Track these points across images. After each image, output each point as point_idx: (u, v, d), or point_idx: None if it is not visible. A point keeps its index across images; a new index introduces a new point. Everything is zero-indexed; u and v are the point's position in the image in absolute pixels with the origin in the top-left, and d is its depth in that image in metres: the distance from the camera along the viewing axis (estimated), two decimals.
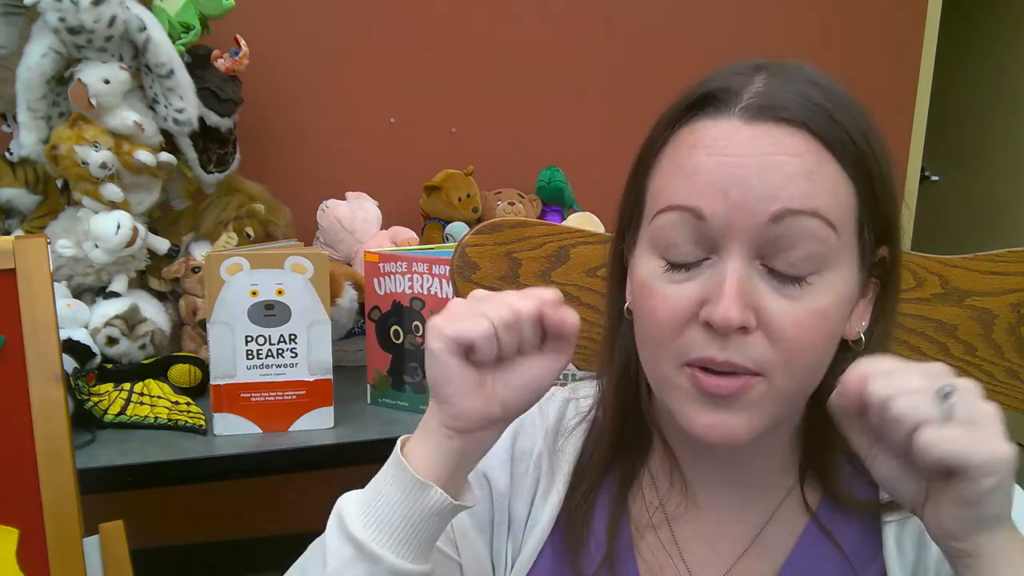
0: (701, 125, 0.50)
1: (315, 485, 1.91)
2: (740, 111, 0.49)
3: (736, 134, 0.48)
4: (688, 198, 0.48)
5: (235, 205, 1.47)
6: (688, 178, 0.49)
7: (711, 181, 0.48)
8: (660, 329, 0.50)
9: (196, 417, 1.20)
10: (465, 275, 0.75)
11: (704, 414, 0.49)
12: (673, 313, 0.49)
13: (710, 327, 0.48)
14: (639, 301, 0.52)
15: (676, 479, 0.59)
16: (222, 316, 1.14)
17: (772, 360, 0.48)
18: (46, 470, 0.85)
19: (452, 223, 1.66)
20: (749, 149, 0.48)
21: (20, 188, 1.37)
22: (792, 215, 0.46)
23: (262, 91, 1.65)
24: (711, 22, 1.94)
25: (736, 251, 0.47)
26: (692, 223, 0.48)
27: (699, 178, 0.48)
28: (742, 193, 0.47)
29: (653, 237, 0.51)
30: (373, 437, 1.20)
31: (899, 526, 0.55)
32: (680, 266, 0.50)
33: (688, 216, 0.48)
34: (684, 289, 0.49)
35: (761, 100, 0.49)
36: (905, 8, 2.08)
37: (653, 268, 0.51)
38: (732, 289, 0.47)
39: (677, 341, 0.49)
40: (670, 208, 0.49)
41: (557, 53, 1.87)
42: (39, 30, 1.26)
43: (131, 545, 0.93)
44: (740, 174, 0.47)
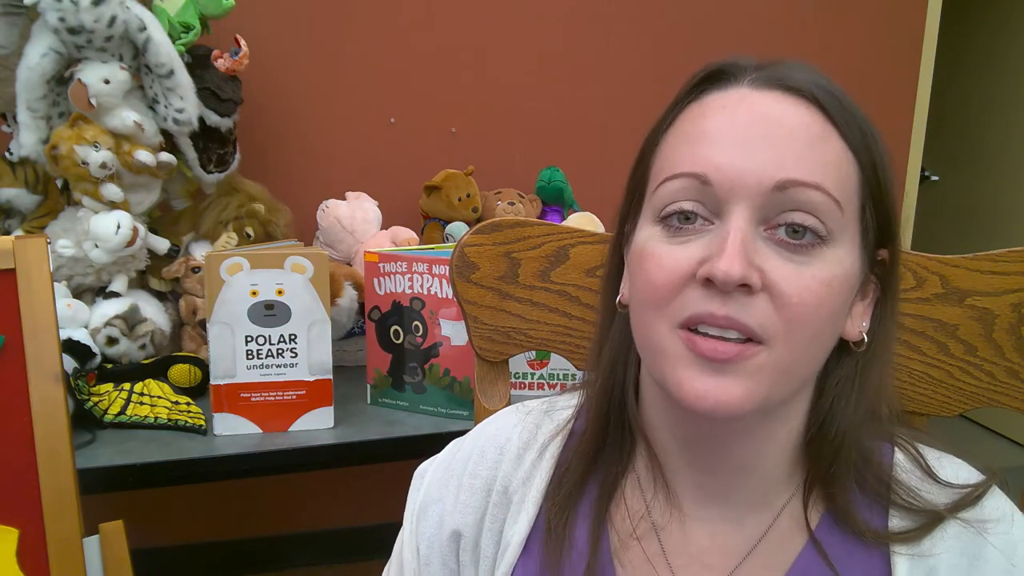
0: (709, 97, 0.50)
1: (315, 485, 1.92)
2: (749, 81, 0.49)
3: (744, 100, 0.48)
4: (694, 164, 0.48)
5: (235, 205, 1.47)
6: (693, 144, 0.48)
7: (717, 144, 0.47)
8: (656, 291, 0.48)
9: (196, 417, 1.20)
10: (464, 275, 0.75)
11: (698, 379, 0.46)
12: (671, 273, 0.47)
13: (710, 284, 0.46)
14: (636, 268, 0.51)
15: (661, 487, 0.56)
16: (222, 316, 1.14)
17: (775, 325, 0.46)
18: (46, 470, 0.85)
19: (452, 223, 1.66)
20: (756, 113, 0.47)
21: (20, 188, 1.37)
22: (796, 185, 0.46)
23: (262, 91, 1.65)
24: (711, 23, 1.94)
25: (740, 213, 0.46)
26: (696, 188, 0.48)
27: (705, 143, 0.48)
28: (748, 157, 0.46)
29: (655, 206, 0.50)
30: (373, 437, 1.20)
31: (913, 561, 0.51)
32: (681, 229, 0.48)
33: (693, 182, 0.48)
34: (684, 250, 0.48)
35: (769, 71, 0.49)
36: (905, 8, 2.08)
37: (651, 233, 0.50)
38: (735, 244, 0.45)
39: (673, 304, 0.47)
40: (674, 176, 0.49)
41: (557, 53, 1.87)
42: (39, 30, 1.26)
43: (131, 545, 0.93)
44: (746, 137, 0.47)
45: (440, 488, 0.62)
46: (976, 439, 2.96)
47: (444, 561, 0.61)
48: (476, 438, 0.64)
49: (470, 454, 0.62)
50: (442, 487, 0.62)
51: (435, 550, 0.61)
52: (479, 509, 0.60)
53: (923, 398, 0.74)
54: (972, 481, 0.54)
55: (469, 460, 0.62)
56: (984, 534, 0.52)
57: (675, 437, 0.55)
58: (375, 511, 1.93)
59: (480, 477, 0.61)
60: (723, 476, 0.54)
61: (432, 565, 0.61)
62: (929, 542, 0.52)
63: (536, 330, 0.77)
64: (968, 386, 0.73)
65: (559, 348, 0.77)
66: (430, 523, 0.62)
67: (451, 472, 0.62)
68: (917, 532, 0.52)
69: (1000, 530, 0.52)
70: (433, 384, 1.26)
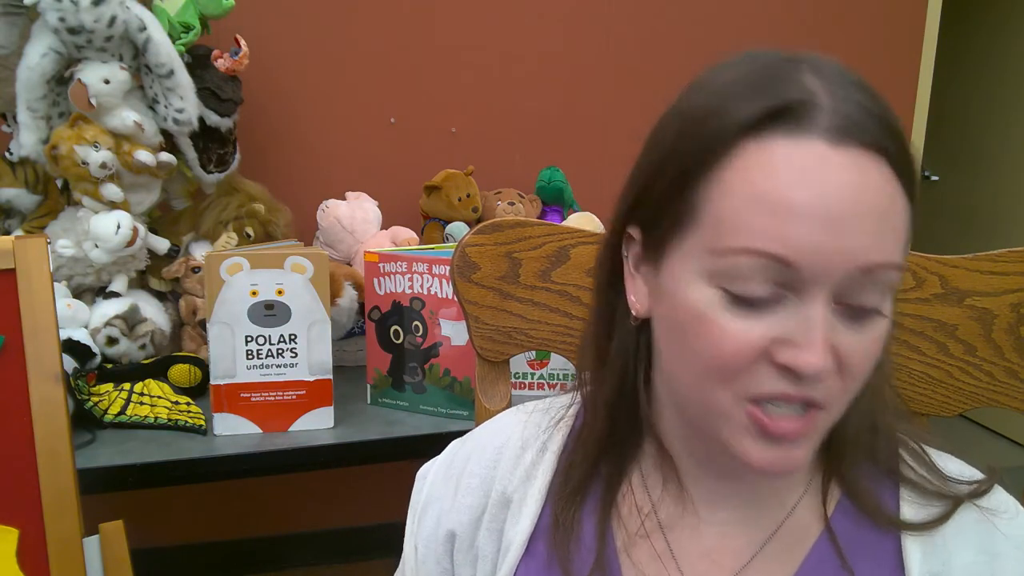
0: (779, 145, 0.44)
1: (315, 485, 1.92)
2: (823, 131, 0.43)
3: (825, 163, 0.43)
4: (777, 244, 0.43)
5: (235, 205, 1.47)
6: (776, 217, 0.43)
7: (804, 222, 0.43)
8: (723, 364, 0.46)
9: (196, 417, 1.20)
10: (465, 275, 0.75)
11: (765, 450, 0.47)
12: (739, 350, 0.45)
13: (786, 368, 0.45)
14: (690, 330, 0.47)
15: (671, 486, 0.56)
16: (222, 316, 1.14)
17: (839, 391, 0.46)
18: (46, 470, 0.85)
19: (452, 223, 1.66)
20: (842, 183, 0.43)
21: (20, 188, 1.37)
22: (880, 268, 0.44)
23: (262, 91, 1.65)
24: (710, 23, 1.94)
25: (822, 295, 0.44)
26: (777, 269, 0.44)
27: (791, 220, 0.43)
28: (836, 240, 0.43)
29: (717, 270, 0.46)
30: (373, 437, 1.20)
31: (925, 547, 0.53)
32: (747, 300, 0.45)
33: (774, 264, 0.43)
34: (754, 326, 0.45)
35: (840, 118, 0.44)
36: (905, 8, 2.08)
37: (711, 297, 0.46)
38: (823, 335, 0.44)
39: (741, 377, 0.46)
40: (752, 253, 0.44)
41: (557, 53, 1.87)
42: (39, 30, 1.26)
43: (131, 545, 0.92)
44: (834, 215, 0.42)
45: (440, 487, 0.63)
46: (976, 439, 2.96)
47: (438, 560, 0.62)
48: (476, 438, 0.64)
49: (469, 454, 0.63)
50: (442, 486, 0.63)
51: (431, 549, 0.62)
52: (476, 509, 0.60)
53: (923, 398, 0.74)
54: (977, 477, 0.55)
55: (468, 460, 0.62)
56: (995, 521, 0.53)
57: (691, 449, 0.55)
58: (375, 511, 1.93)
59: (477, 476, 0.61)
60: (737, 482, 0.55)
61: (427, 563, 0.62)
62: (942, 529, 0.52)
63: (537, 330, 0.77)
64: (967, 386, 0.73)
65: (560, 348, 0.77)
66: (428, 522, 0.62)
67: (451, 472, 0.63)
68: (933, 522, 0.53)
69: (1012, 521, 0.53)
70: (433, 384, 1.26)
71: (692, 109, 0.48)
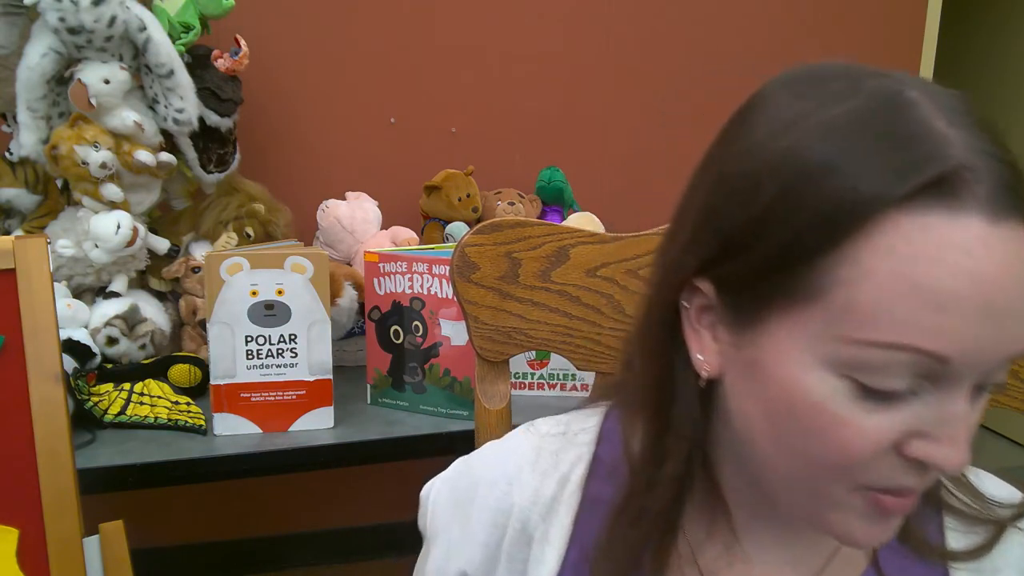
0: (936, 223, 0.38)
1: (315, 485, 1.92)
2: (982, 205, 0.38)
3: (985, 244, 0.37)
4: (933, 340, 0.38)
5: (235, 205, 1.47)
6: (934, 310, 0.38)
7: (966, 316, 0.38)
8: (847, 462, 0.41)
9: (196, 417, 1.20)
10: (465, 275, 0.75)
11: (871, 528, 0.44)
12: (868, 447, 0.41)
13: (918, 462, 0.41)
14: (804, 421, 0.42)
15: (720, 530, 0.52)
16: (222, 316, 1.14)
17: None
18: (46, 470, 0.85)
19: (452, 223, 1.66)
20: (1003, 267, 0.38)
21: (20, 188, 1.37)
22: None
23: (262, 91, 1.65)
24: (711, 23, 1.94)
25: (966, 386, 0.40)
26: (929, 365, 0.39)
27: (951, 313, 0.37)
28: (996, 334, 0.38)
29: (848, 360, 0.40)
30: (373, 437, 1.20)
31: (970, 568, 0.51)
32: (881, 393, 0.40)
33: (928, 361, 0.39)
34: (886, 420, 0.40)
35: (996, 187, 0.38)
36: (905, 8, 2.08)
37: (836, 388, 0.41)
38: (967, 432, 0.41)
39: (861, 470, 0.42)
40: (902, 348, 0.38)
41: (557, 53, 1.87)
42: (39, 30, 1.26)
43: (131, 545, 0.92)
44: (998, 305, 0.38)
45: (446, 516, 0.58)
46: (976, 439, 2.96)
47: None
48: (484, 462, 0.58)
49: (477, 482, 0.57)
50: (448, 515, 0.58)
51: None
52: (488, 546, 0.55)
53: None
54: (1016, 498, 0.53)
55: (477, 488, 0.56)
56: None
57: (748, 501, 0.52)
58: (375, 511, 1.93)
59: (488, 510, 0.55)
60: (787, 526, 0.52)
61: None
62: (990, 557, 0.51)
63: (537, 330, 0.77)
64: None
65: (560, 348, 0.77)
66: (436, 555, 0.58)
67: (458, 499, 0.57)
68: (978, 550, 0.51)
69: None
70: (433, 384, 1.26)
71: (800, 162, 0.40)
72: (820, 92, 0.42)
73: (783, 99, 0.43)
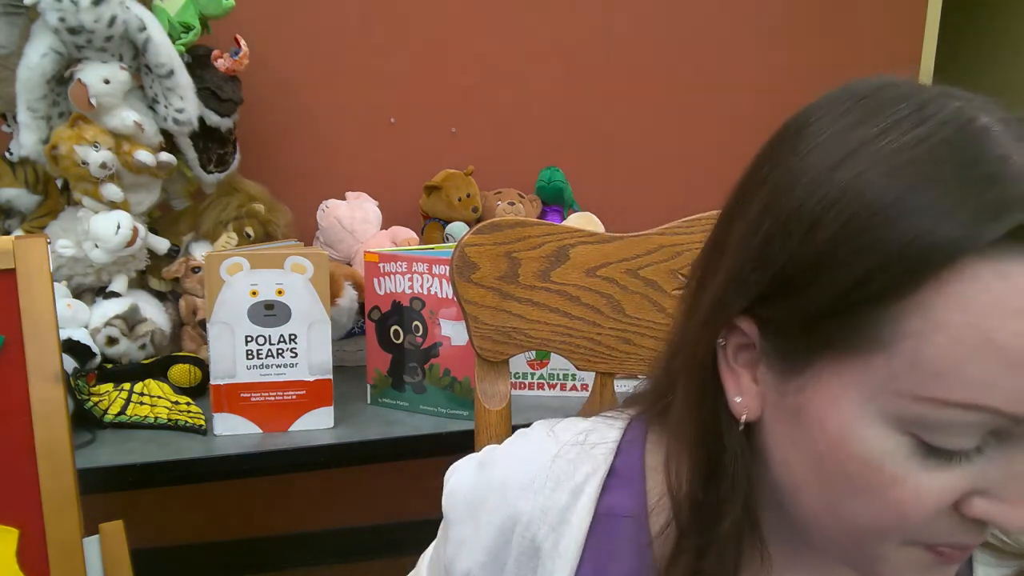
0: (1018, 272, 0.34)
1: (315, 485, 1.92)
2: None
3: None
4: (1012, 402, 0.35)
5: (235, 205, 1.47)
6: (1016, 372, 0.34)
7: None
8: (903, 523, 0.39)
9: (196, 417, 1.20)
10: (465, 275, 0.75)
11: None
12: (928, 509, 0.38)
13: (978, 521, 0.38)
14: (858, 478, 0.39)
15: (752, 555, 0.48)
16: (222, 316, 1.14)
17: None
18: (46, 470, 0.85)
19: (452, 223, 1.66)
20: None
21: (20, 188, 1.37)
22: None
23: (262, 91, 1.65)
24: (711, 22, 1.94)
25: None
26: (1000, 422, 0.36)
27: None
28: None
29: (913, 418, 0.37)
30: (373, 437, 1.20)
31: None
32: (946, 452, 0.37)
33: (1001, 421, 0.36)
34: (947, 479, 0.37)
35: None
36: (905, 8, 2.08)
37: (897, 445, 0.38)
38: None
39: (918, 530, 0.39)
40: (977, 409, 0.35)
41: (557, 53, 1.87)
42: (39, 30, 1.26)
43: (131, 545, 0.93)
44: None
45: (462, 512, 0.56)
46: None
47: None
48: (501, 465, 0.56)
49: (491, 486, 0.55)
50: (464, 513, 0.55)
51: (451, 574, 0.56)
52: (492, 552, 0.53)
53: None
54: None
55: (490, 493, 0.54)
56: None
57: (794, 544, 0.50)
58: (375, 511, 1.93)
59: (498, 515, 0.53)
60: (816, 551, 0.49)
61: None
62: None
63: (536, 330, 0.77)
64: None
65: (559, 348, 0.77)
66: (450, 547, 0.56)
67: (473, 501, 0.55)
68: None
69: None
70: (433, 384, 1.26)
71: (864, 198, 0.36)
72: (881, 117, 0.38)
73: (839, 122, 0.39)
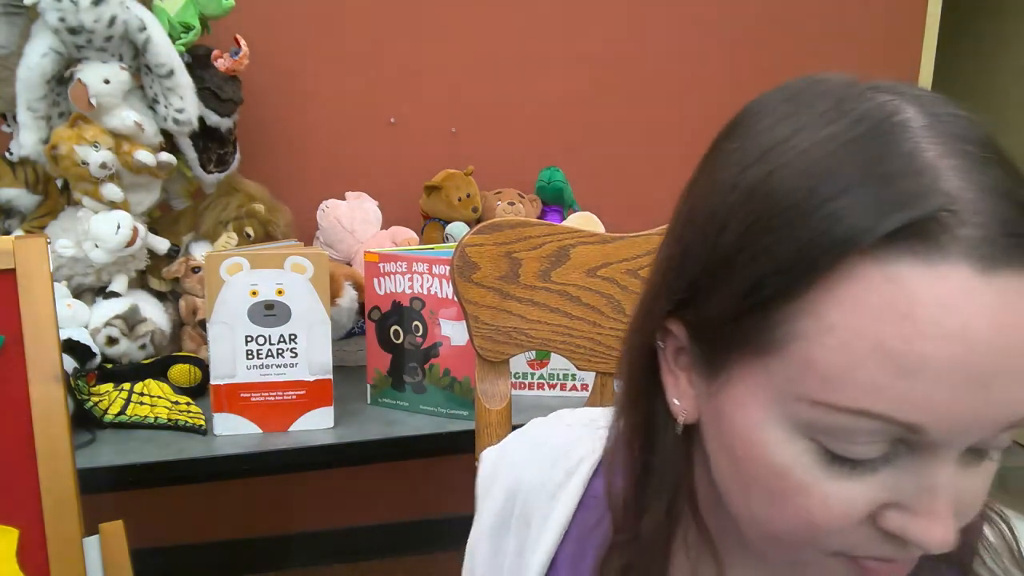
0: (908, 273, 0.32)
1: (315, 485, 1.92)
2: (968, 252, 0.32)
3: (970, 298, 0.32)
4: (905, 409, 0.33)
5: (235, 205, 1.47)
6: (906, 376, 0.33)
7: (943, 383, 0.32)
8: (814, 533, 0.37)
9: (196, 417, 1.20)
10: (465, 275, 0.75)
11: None
12: (835, 519, 0.36)
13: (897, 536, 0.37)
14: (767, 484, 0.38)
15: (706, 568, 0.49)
16: (222, 316, 1.14)
17: None
18: (46, 470, 0.85)
19: (452, 223, 1.66)
20: (992, 326, 0.32)
21: (20, 188, 1.37)
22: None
23: (262, 91, 1.65)
24: (711, 22, 1.94)
25: (950, 457, 0.35)
26: (900, 433, 0.34)
27: (926, 380, 0.32)
28: (984, 400, 0.33)
29: (812, 423, 0.36)
30: (373, 437, 1.20)
31: None
32: (851, 460, 0.36)
33: (898, 430, 0.34)
34: (856, 488, 0.36)
35: (990, 230, 0.32)
36: (905, 8, 2.08)
37: (800, 451, 0.37)
38: (948, 507, 0.35)
39: (834, 539, 0.38)
40: (870, 416, 0.34)
41: (558, 53, 1.87)
42: (39, 30, 1.26)
43: (131, 545, 0.92)
44: (984, 370, 0.32)
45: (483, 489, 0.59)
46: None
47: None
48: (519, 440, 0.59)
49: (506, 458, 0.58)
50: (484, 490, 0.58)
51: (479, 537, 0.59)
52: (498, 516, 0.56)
53: None
54: None
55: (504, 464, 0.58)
56: None
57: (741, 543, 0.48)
58: (375, 511, 1.93)
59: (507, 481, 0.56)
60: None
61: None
62: None
63: (537, 330, 0.77)
64: None
65: (560, 348, 0.77)
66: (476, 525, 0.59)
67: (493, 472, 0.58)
68: None
69: None
70: (433, 384, 1.26)
71: (768, 198, 0.35)
72: (802, 114, 0.37)
73: (761, 123, 0.38)
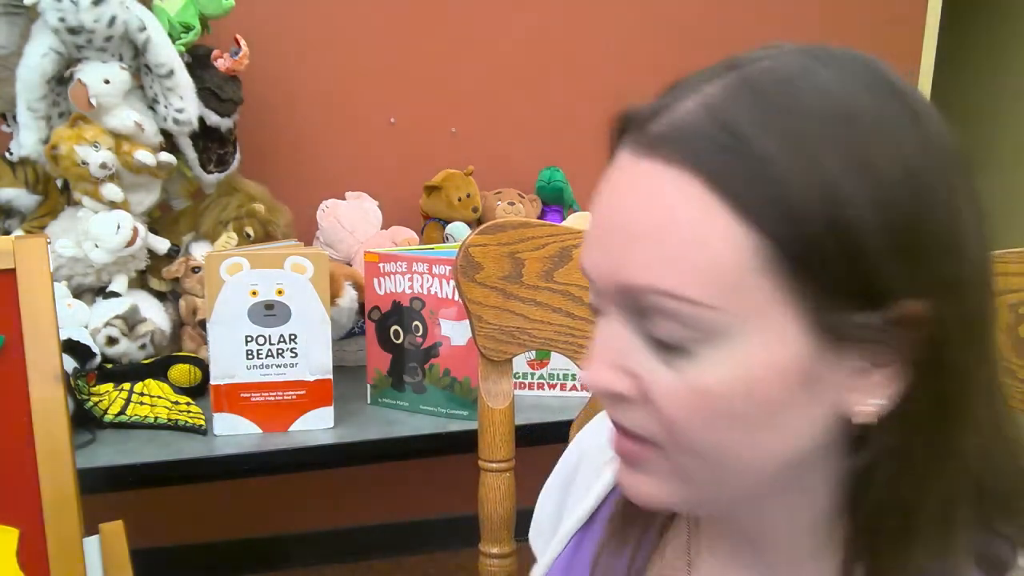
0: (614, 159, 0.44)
1: (315, 485, 1.92)
2: (633, 142, 0.41)
3: (622, 174, 0.42)
4: (581, 256, 0.44)
5: (235, 205, 1.47)
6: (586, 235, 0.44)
7: (590, 235, 0.43)
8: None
9: (196, 417, 1.20)
10: (469, 275, 0.75)
11: (622, 473, 0.46)
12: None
13: None
14: None
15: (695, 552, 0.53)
16: (222, 316, 1.14)
17: (657, 433, 0.41)
18: (46, 470, 0.85)
19: (452, 223, 1.66)
20: (621, 198, 0.41)
21: (20, 188, 1.37)
22: (644, 293, 0.39)
23: (262, 91, 1.65)
24: (710, 22, 1.94)
25: (613, 312, 0.42)
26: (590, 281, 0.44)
27: (588, 233, 0.43)
28: (602, 254, 0.42)
29: None
30: (373, 437, 1.20)
31: None
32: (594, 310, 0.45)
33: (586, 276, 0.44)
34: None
35: (659, 127, 0.40)
36: (905, 8, 2.08)
37: None
38: (596, 350, 0.42)
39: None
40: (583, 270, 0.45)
41: (557, 53, 1.87)
42: (39, 30, 1.26)
43: (131, 545, 0.93)
44: (604, 229, 0.42)
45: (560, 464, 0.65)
46: None
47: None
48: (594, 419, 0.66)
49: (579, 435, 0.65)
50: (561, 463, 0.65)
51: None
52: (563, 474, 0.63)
53: None
54: None
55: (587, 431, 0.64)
56: None
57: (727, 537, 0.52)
58: (375, 511, 1.92)
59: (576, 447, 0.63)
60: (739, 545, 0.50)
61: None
62: None
63: (540, 330, 0.77)
64: None
65: (562, 348, 0.77)
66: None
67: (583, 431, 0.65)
68: None
69: None
70: (433, 384, 1.26)
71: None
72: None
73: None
